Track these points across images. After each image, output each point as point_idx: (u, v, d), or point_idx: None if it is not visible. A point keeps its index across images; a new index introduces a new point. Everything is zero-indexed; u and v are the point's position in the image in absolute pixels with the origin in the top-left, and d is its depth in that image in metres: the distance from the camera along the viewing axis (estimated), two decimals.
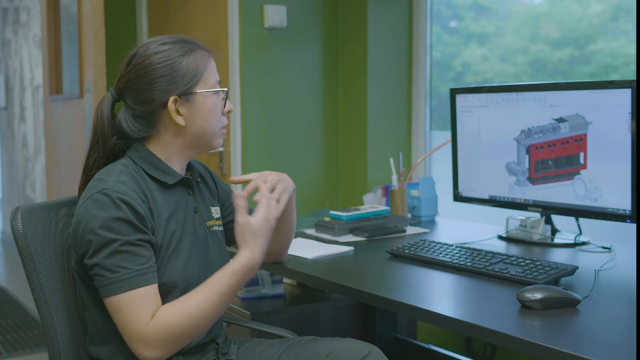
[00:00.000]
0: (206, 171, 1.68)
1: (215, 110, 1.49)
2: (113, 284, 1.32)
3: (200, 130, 1.49)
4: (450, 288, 1.64)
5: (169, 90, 1.44)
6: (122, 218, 1.34)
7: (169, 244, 1.43)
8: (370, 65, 2.97)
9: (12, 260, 5.84)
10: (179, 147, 1.50)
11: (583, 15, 2.58)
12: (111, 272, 1.32)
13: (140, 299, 1.32)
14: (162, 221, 1.43)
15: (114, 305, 1.33)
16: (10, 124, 6.66)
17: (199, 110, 1.47)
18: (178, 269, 1.43)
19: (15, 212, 1.43)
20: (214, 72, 1.51)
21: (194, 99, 1.47)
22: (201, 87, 1.48)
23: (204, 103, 1.48)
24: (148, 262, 1.35)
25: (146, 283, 1.33)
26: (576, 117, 1.98)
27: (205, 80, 1.48)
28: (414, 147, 3.09)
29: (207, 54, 1.51)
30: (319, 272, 1.77)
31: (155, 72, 1.44)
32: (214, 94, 1.49)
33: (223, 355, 1.56)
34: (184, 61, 1.46)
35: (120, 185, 1.37)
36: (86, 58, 2.85)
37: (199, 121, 1.48)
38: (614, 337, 1.24)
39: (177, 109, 1.46)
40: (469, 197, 2.32)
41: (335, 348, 1.52)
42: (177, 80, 1.45)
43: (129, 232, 1.34)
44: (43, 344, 3.57)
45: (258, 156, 2.96)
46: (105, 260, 1.32)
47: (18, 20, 6.21)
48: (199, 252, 1.50)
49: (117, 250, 1.32)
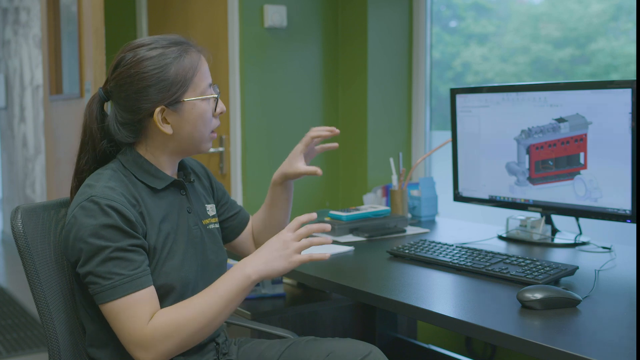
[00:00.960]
0: (201, 168, 1.67)
1: (204, 115, 1.45)
2: (107, 291, 1.31)
3: (188, 137, 1.46)
4: (450, 288, 1.64)
5: (156, 101, 1.40)
6: (111, 225, 1.32)
7: (163, 246, 1.42)
8: (370, 65, 2.97)
9: (12, 260, 5.84)
10: (168, 152, 1.48)
11: (583, 15, 2.58)
12: (104, 279, 1.31)
13: (135, 304, 1.32)
14: (155, 224, 1.42)
15: (109, 312, 1.33)
16: (10, 124, 6.66)
17: (187, 118, 1.44)
18: (174, 271, 1.42)
19: (15, 212, 1.43)
20: (205, 76, 1.46)
21: (182, 108, 1.43)
22: (190, 95, 1.43)
23: (192, 111, 1.44)
24: (141, 266, 1.34)
25: (140, 287, 1.33)
26: (576, 117, 1.98)
27: (195, 87, 1.44)
28: (414, 147, 3.09)
29: (198, 55, 1.46)
30: (319, 272, 1.77)
31: (142, 82, 1.40)
32: (204, 100, 1.45)
33: (223, 356, 1.56)
34: (172, 69, 1.41)
35: (108, 191, 1.36)
36: (86, 58, 2.85)
37: (187, 128, 1.45)
38: (614, 337, 1.24)
39: (165, 117, 1.43)
40: (469, 197, 2.32)
41: (336, 348, 1.52)
42: (164, 91, 1.40)
43: (119, 238, 1.33)
44: (43, 344, 3.57)
45: (258, 156, 2.96)
46: (98, 268, 1.32)
47: (18, 20, 6.21)
48: (195, 252, 1.49)
49: (108, 257, 1.32)
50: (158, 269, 1.40)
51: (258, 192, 2.95)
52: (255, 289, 2.22)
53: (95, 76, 2.72)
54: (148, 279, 1.35)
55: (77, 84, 3.00)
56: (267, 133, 2.98)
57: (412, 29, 3.05)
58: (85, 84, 2.87)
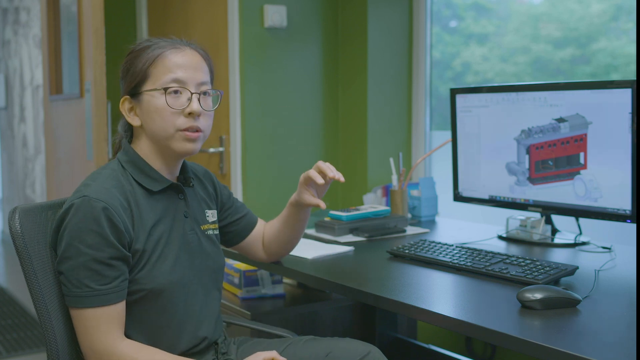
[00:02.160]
0: (206, 173, 1.67)
1: (162, 110, 1.42)
2: (74, 297, 1.35)
3: (152, 132, 1.45)
4: (450, 288, 1.64)
5: (124, 90, 1.47)
6: (96, 231, 1.33)
7: (153, 250, 1.42)
8: (370, 65, 2.97)
9: (12, 260, 5.84)
10: (152, 150, 1.47)
11: (584, 15, 2.58)
12: (73, 286, 1.34)
13: (100, 317, 1.34)
14: (146, 228, 1.42)
15: (74, 316, 1.37)
16: (10, 124, 6.66)
17: (146, 110, 1.44)
18: (164, 274, 1.42)
19: (13, 213, 1.43)
20: (169, 70, 1.42)
21: (141, 99, 1.44)
22: (149, 86, 1.43)
23: (150, 103, 1.43)
24: (112, 282, 1.35)
25: (106, 303, 1.34)
26: (576, 117, 1.98)
27: (155, 79, 1.42)
28: (414, 147, 3.09)
29: (168, 50, 1.43)
30: (319, 272, 1.77)
31: (121, 73, 1.48)
32: (162, 93, 1.42)
33: (222, 355, 1.56)
34: (140, 60, 1.44)
35: (102, 192, 1.37)
36: (86, 58, 2.84)
37: (148, 122, 1.44)
38: (614, 337, 1.24)
39: (133, 109, 1.46)
40: (469, 197, 2.32)
41: (335, 348, 1.52)
42: (128, 80, 1.45)
43: (101, 247, 1.33)
44: (43, 344, 3.56)
45: (258, 156, 2.96)
46: (70, 273, 1.34)
47: (18, 20, 6.21)
48: (189, 257, 1.49)
49: (83, 265, 1.33)
50: (147, 271, 1.40)
51: (258, 192, 2.95)
52: (255, 289, 2.22)
53: (95, 76, 2.72)
54: (117, 295, 1.36)
55: (77, 84, 2.99)
56: (267, 133, 2.98)
57: (412, 29, 3.05)
58: (85, 84, 2.87)
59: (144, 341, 1.42)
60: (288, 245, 1.78)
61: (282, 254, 1.80)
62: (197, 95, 1.44)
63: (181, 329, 1.46)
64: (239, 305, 2.16)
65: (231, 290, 2.27)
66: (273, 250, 1.78)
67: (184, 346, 1.47)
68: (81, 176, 2.96)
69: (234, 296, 2.23)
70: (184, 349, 1.47)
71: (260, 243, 1.77)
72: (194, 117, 1.43)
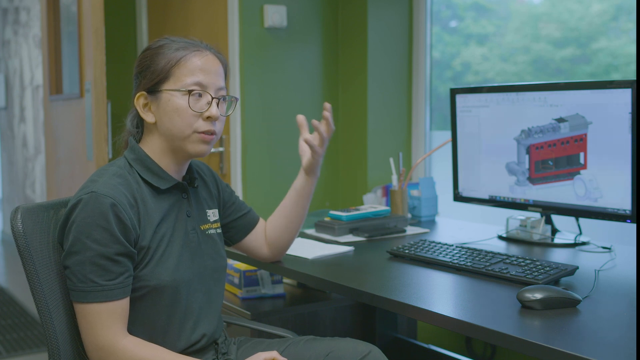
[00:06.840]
0: (209, 172, 1.68)
1: (182, 111, 1.44)
2: (79, 292, 1.35)
3: (167, 130, 1.46)
4: (450, 288, 1.64)
5: (141, 87, 1.47)
6: (103, 227, 1.34)
7: (157, 247, 1.43)
8: (370, 65, 2.97)
9: (12, 260, 5.84)
10: (163, 148, 1.48)
11: (584, 15, 2.58)
12: (79, 281, 1.35)
13: (104, 312, 1.34)
14: (152, 225, 1.43)
15: (78, 310, 1.37)
16: (10, 124, 6.66)
17: (164, 109, 1.45)
18: (168, 272, 1.43)
19: (15, 212, 1.43)
20: (192, 72, 1.45)
21: (160, 97, 1.45)
22: (170, 86, 1.45)
23: (169, 102, 1.44)
24: (118, 277, 1.35)
25: (111, 298, 1.35)
26: (576, 117, 1.98)
27: (177, 80, 1.44)
28: (414, 147, 3.09)
29: (200, 54, 1.47)
30: (319, 272, 1.77)
31: (137, 68, 1.49)
32: (184, 94, 1.44)
33: (223, 355, 1.56)
34: (162, 58, 1.45)
35: (110, 188, 1.37)
36: (86, 58, 2.84)
37: (165, 121, 1.46)
38: (614, 337, 1.24)
39: (148, 105, 1.47)
40: (469, 197, 2.32)
41: (335, 348, 1.52)
42: (147, 77, 1.46)
43: (107, 242, 1.34)
44: (43, 344, 3.57)
45: (258, 156, 2.96)
46: (77, 267, 1.34)
47: (18, 20, 6.21)
48: (191, 256, 1.50)
49: (89, 260, 1.34)
50: (152, 269, 1.41)
51: (258, 192, 2.95)
52: (255, 289, 2.22)
53: (95, 76, 2.72)
54: (122, 291, 1.37)
55: (77, 84, 2.99)
56: (267, 133, 2.98)
57: (412, 29, 3.05)
58: (85, 84, 2.87)
59: (143, 337, 1.42)
60: (291, 225, 1.77)
61: (286, 241, 1.79)
62: (216, 100, 1.47)
63: (181, 326, 1.47)
64: (239, 305, 2.16)
65: (231, 290, 2.27)
66: (276, 242, 1.77)
67: (183, 343, 1.47)
68: (81, 176, 2.96)
69: (234, 296, 2.23)
70: (184, 346, 1.47)
71: (262, 240, 1.78)
72: (211, 121, 1.47)
